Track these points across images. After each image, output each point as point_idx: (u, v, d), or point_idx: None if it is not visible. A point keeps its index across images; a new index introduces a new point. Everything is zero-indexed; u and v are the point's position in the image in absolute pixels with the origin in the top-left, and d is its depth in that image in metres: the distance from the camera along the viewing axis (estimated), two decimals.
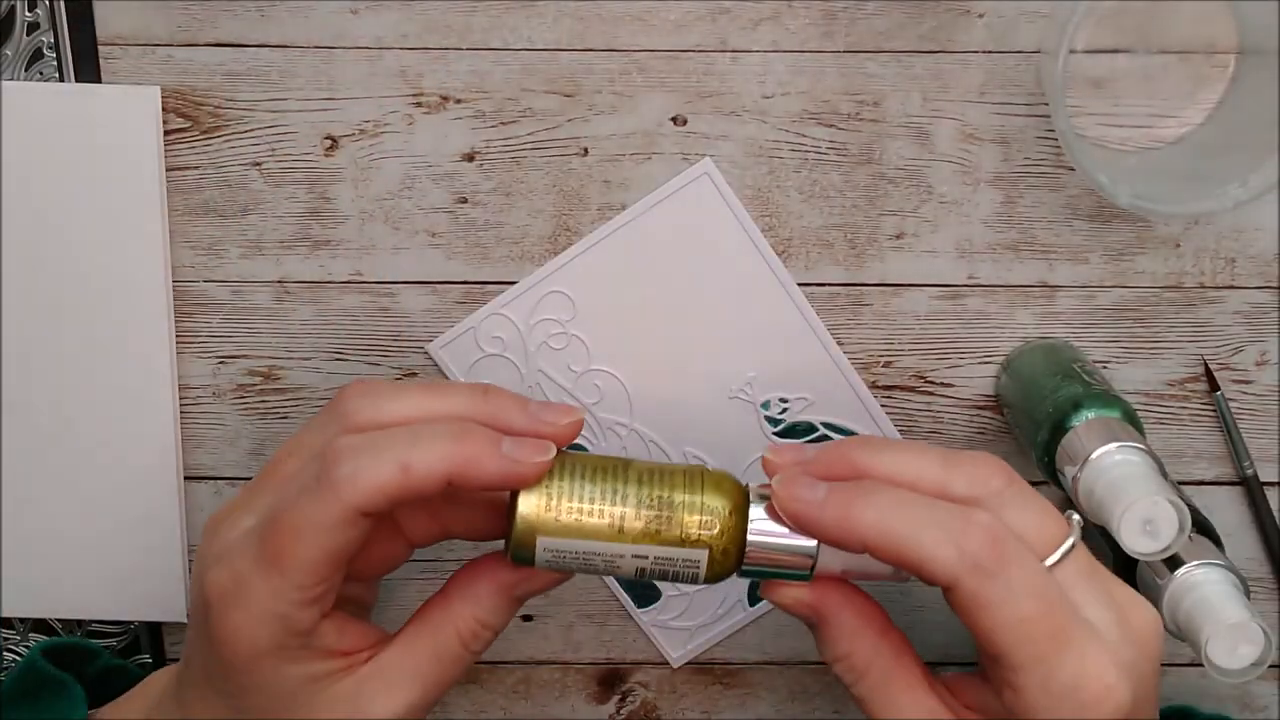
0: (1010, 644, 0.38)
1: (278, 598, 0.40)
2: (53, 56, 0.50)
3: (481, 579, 0.43)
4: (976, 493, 0.40)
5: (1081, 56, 0.50)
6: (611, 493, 0.41)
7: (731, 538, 0.41)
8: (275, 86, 0.51)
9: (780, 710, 0.58)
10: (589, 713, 0.58)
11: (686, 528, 0.41)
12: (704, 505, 0.41)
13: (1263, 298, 0.53)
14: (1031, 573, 0.39)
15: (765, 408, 0.54)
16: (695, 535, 0.41)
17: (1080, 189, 0.52)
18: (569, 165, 0.52)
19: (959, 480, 0.41)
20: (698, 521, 0.41)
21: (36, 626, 0.57)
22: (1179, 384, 0.54)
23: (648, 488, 0.41)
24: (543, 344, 0.54)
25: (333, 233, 0.53)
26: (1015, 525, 0.40)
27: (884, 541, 0.39)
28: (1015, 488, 0.41)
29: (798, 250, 0.53)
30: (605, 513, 0.41)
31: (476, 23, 0.50)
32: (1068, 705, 0.38)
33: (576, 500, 0.41)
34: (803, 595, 0.42)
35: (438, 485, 0.40)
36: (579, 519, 0.41)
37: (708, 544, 0.41)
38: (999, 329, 0.54)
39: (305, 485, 0.40)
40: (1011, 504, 0.41)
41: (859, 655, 0.42)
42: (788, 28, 0.50)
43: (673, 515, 0.41)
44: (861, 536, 0.39)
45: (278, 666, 0.41)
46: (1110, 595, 0.41)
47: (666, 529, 0.41)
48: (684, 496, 0.41)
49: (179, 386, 0.54)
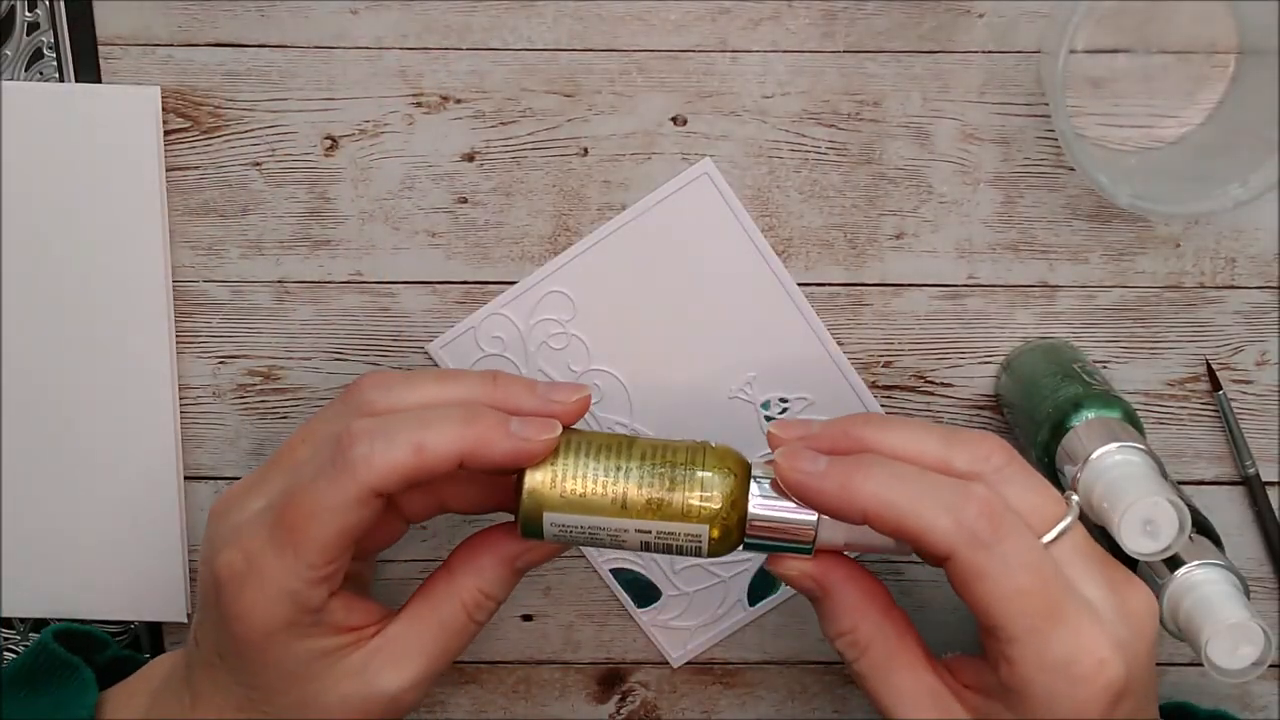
0: (1005, 616, 0.39)
1: (291, 576, 0.41)
2: (53, 56, 0.50)
3: (484, 551, 0.44)
4: (977, 469, 0.41)
5: (1081, 56, 0.50)
6: (615, 469, 0.42)
7: (733, 511, 0.42)
8: (275, 86, 0.51)
9: (780, 710, 0.58)
10: (589, 713, 0.58)
11: (688, 502, 0.42)
12: (705, 480, 0.42)
13: (1263, 298, 0.53)
14: (1028, 547, 0.39)
15: (765, 408, 0.54)
16: (697, 509, 0.42)
17: (1080, 189, 0.52)
18: (569, 165, 0.52)
19: (960, 456, 0.41)
20: (699, 496, 0.42)
21: (36, 626, 0.57)
22: (1179, 384, 0.54)
23: (650, 463, 0.42)
24: (543, 344, 0.54)
25: (333, 233, 0.53)
26: (1014, 502, 0.40)
27: (883, 512, 0.40)
28: (1015, 465, 0.42)
29: (798, 250, 0.53)
30: (609, 488, 0.42)
31: (476, 23, 0.50)
32: (1061, 679, 0.39)
33: (581, 477, 0.42)
34: (806, 568, 0.43)
35: (450, 465, 0.41)
36: (583, 495, 0.42)
37: (709, 518, 0.42)
38: (999, 329, 0.54)
39: (320, 467, 0.41)
40: (1011, 481, 0.41)
41: (861, 631, 0.42)
42: (788, 28, 0.50)
43: (674, 490, 0.42)
44: (861, 507, 0.40)
45: (290, 643, 0.42)
46: (1106, 575, 0.41)
47: (668, 504, 0.42)
48: (686, 472, 0.42)
49: (179, 386, 0.54)
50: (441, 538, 0.56)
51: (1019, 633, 0.39)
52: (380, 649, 0.43)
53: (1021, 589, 0.39)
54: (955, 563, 0.39)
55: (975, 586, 0.39)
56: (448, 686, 0.58)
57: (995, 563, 0.39)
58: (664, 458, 0.42)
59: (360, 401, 0.43)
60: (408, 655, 0.43)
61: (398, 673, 0.43)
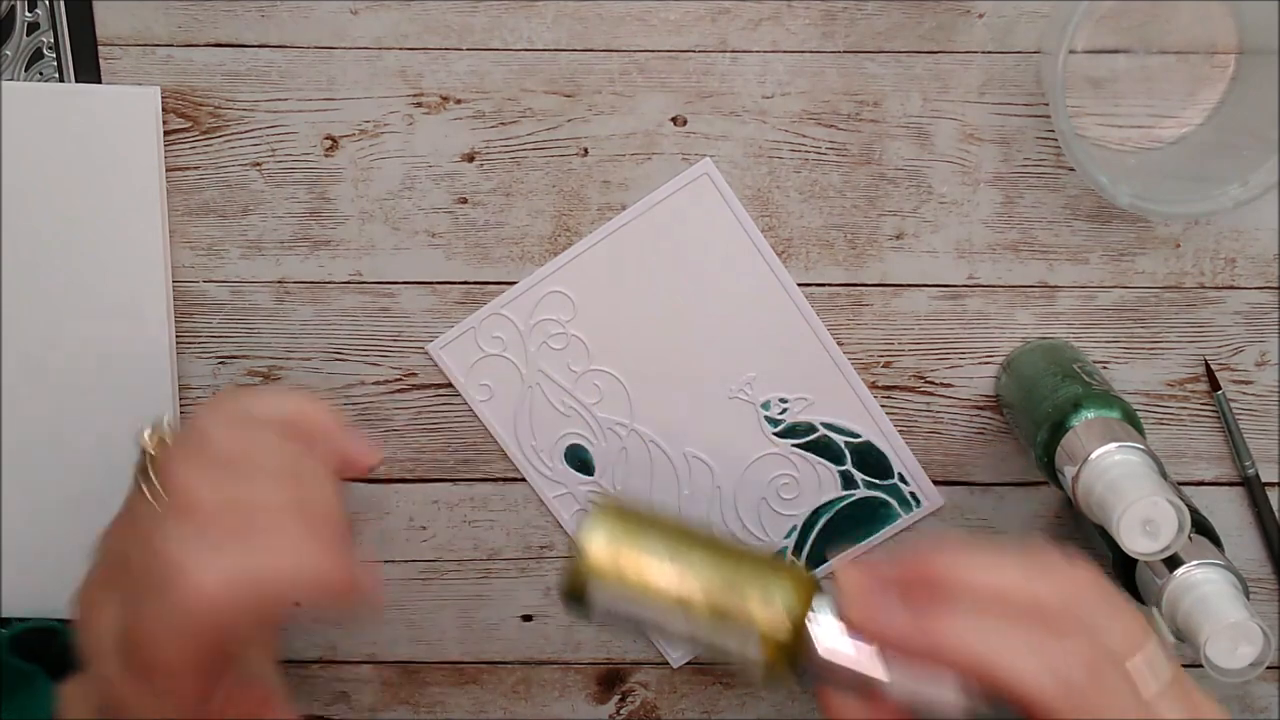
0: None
1: (155, 709, 0.38)
2: (53, 56, 0.50)
3: None
4: (1068, 606, 0.37)
5: (1081, 56, 0.50)
6: (677, 560, 0.38)
7: (794, 648, 0.38)
8: (275, 86, 0.51)
9: (780, 710, 0.58)
10: (589, 713, 0.58)
11: (750, 614, 0.37)
12: (771, 595, 0.38)
13: (1263, 298, 0.53)
14: (1126, 704, 0.36)
15: (765, 407, 0.54)
16: (759, 625, 0.37)
17: (1080, 189, 0.52)
18: (569, 165, 0.52)
19: (1048, 592, 0.38)
20: (764, 611, 0.37)
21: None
22: (1179, 384, 0.54)
23: (717, 573, 0.38)
24: (543, 344, 0.54)
25: (333, 233, 0.53)
26: (1100, 628, 0.37)
27: (973, 663, 0.36)
28: (1100, 592, 0.38)
29: (798, 250, 0.53)
30: (669, 582, 0.38)
31: (476, 23, 0.50)
32: None
33: (641, 562, 0.38)
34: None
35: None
36: (643, 582, 0.38)
37: (769, 643, 0.37)
38: (999, 329, 0.54)
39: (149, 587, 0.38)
40: (1097, 611, 0.38)
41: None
42: (788, 28, 0.50)
43: (736, 619, 0.38)
44: (950, 659, 0.36)
45: None
46: (1189, 701, 0.38)
47: (730, 612, 0.37)
48: (753, 585, 0.38)
49: (179, 386, 0.54)
50: (441, 538, 0.56)
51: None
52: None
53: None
54: (1030, 709, 0.36)
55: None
56: (448, 686, 0.59)
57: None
58: (732, 573, 0.38)
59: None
60: None
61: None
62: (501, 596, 0.57)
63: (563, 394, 0.54)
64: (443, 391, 0.54)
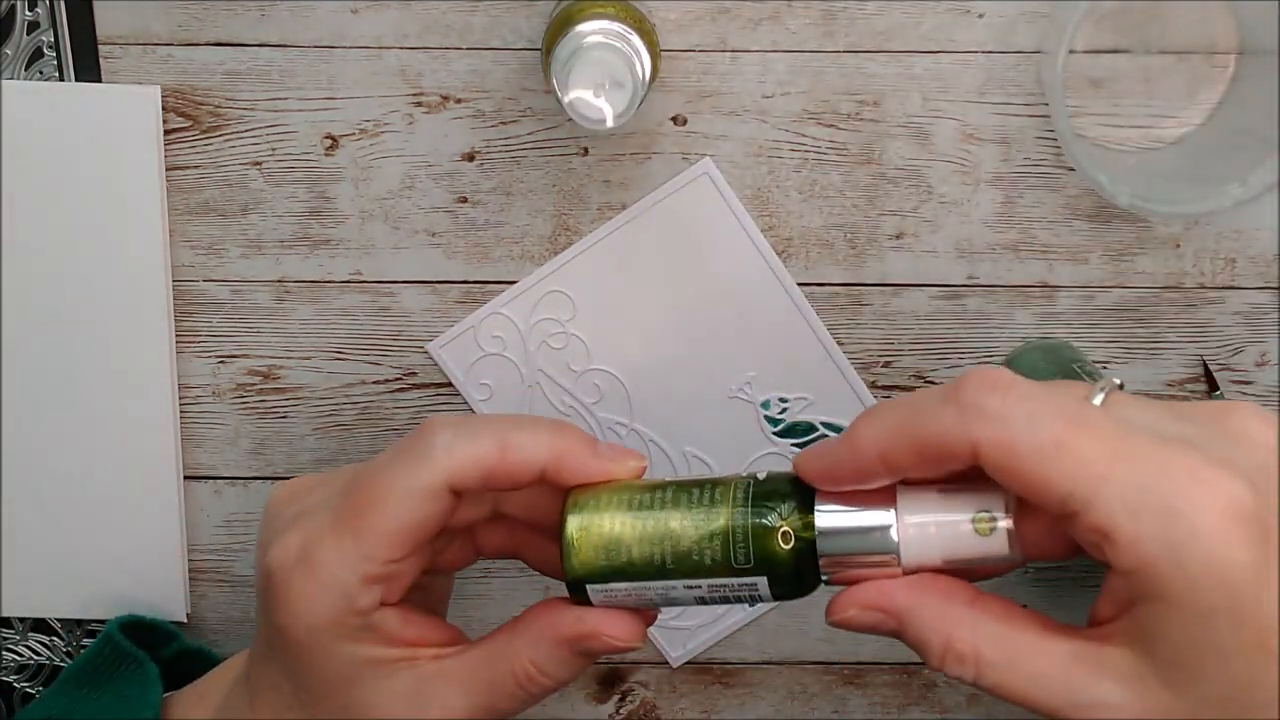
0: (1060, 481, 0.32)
1: (345, 567, 0.38)
2: (53, 56, 0.50)
3: (545, 624, 0.40)
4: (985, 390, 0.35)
5: (1081, 56, 0.50)
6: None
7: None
8: (275, 86, 0.51)
9: (780, 710, 0.58)
10: (589, 712, 0.58)
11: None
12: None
13: (1263, 298, 0.53)
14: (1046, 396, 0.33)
15: (765, 407, 0.54)
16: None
17: (1080, 189, 0.52)
18: (569, 165, 0.52)
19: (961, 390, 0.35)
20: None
21: (36, 626, 0.57)
22: (1179, 384, 0.54)
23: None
24: (543, 344, 0.54)
25: (333, 232, 0.53)
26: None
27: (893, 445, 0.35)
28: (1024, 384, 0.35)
29: (798, 250, 0.53)
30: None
31: (476, 23, 0.50)
32: (1165, 520, 0.31)
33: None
34: (871, 594, 0.36)
35: (533, 473, 0.38)
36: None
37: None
38: (999, 329, 0.54)
39: (395, 454, 0.39)
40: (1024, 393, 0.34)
41: (958, 640, 0.35)
42: (788, 28, 0.50)
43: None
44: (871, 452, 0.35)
45: (333, 644, 0.39)
46: (1186, 412, 0.34)
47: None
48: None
49: (179, 386, 0.54)
50: None
51: (1087, 491, 0.31)
52: (434, 678, 0.40)
53: (1061, 440, 0.32)
54: (983, 458, 0.33)
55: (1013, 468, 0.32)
56: None
57: (1017, 427, 0.32)
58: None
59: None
60: (458, 698, 0.40)
61: (443, 711, 0.40)
62: (502, 596, 0.57)
63: (563, 393, 0.54)
64: (443, 391, 0.54)
